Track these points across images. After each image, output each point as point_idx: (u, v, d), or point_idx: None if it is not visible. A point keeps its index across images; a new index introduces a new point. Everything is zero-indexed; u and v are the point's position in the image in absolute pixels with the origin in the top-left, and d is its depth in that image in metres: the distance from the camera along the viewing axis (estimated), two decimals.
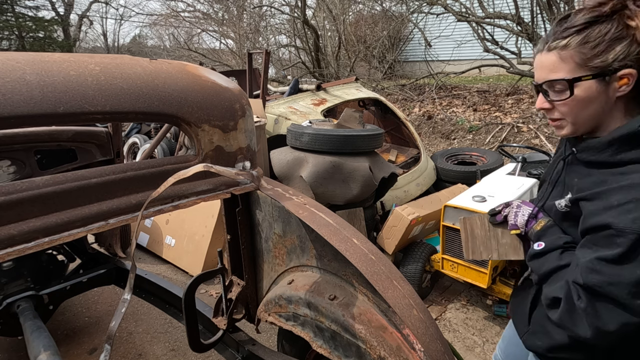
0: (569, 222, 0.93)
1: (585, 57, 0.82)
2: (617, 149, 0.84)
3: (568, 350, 0.93)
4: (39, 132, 1.99)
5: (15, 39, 14.67)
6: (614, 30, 0.80)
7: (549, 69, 0.88)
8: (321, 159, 2.81)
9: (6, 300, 1.94)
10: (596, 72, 0.82)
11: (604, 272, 0.78)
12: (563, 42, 0.84)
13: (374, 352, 1.01)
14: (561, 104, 0.88)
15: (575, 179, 0.94)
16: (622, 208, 0.78)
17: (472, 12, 7.64)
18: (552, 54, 0.87)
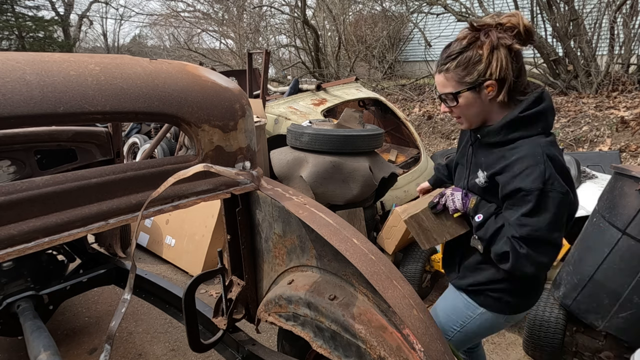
0: (490, 192, 1.22)
1: (460, 76, 1.16)
2: (506, 132, 1.17)
3: (482, 284, 1.31)
4: (39, 132, 1.99)
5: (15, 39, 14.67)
6: (474, 56, 1.12)
7: (441, 86, 1.21)
8: (321, 159, 2.81)
9: (6, 300, 1.94)
10: (469, 86, 1.16)
11: (528, 224, 1.09)
12: (445, 67, 1.18)
13: (374, 352, 1.01)
14: (454, 109, 1.22)
15: (482, 158, 1.26)
16: (523, 174, 1.09)
17: (472, 12, 7.65)
18: (441, 75, 1.20)
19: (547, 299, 2.23)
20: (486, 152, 1.24)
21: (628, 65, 6.32)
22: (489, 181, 1.20)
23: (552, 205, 1.07)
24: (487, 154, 1.23)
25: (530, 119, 1.14)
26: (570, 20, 6.30)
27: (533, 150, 1.10)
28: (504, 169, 1.14)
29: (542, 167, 1.07)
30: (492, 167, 1.19)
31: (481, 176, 1.23)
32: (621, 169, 2.05)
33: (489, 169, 1.20)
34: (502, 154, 1.17)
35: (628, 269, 1.89)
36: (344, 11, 11.11)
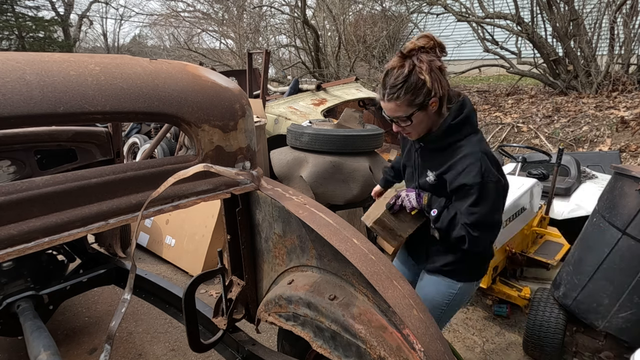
0: (439, 188, 1.43)
1: (410, 100, 1.31)
2: (444, 138, 1.39)
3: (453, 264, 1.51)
4: (39, 132, 1.99)
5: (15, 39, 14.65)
6: (418, 81, 1.28)
7: (393, 111, 1.36)
8: (321, 159, 2.81)
9: (6, 300, 1.94)
10: (418, 107, 1.32)
11: (475, 212, 1.32)
12: (395, 95, 1.31)
13: (374, 352, 1.01)
14: (407, 127, 1.39)
15: (428, 161, 1.48)
16: (465, 172, 1.32)
17: (472, 12, 7.65)
18: (392, 103, 1.34)
19: (547, 299, 2.23)
20: (430, 155, 1.47)
21: (628, 65, 6.33)
22: (437, 179, 1.42)
23: (490, 193, 1.32)
24: (432, 157, 1.46)
25: (460, 125, 1.37)
26: (570, 20, 6.30)
27: (471, 150, 1.33)
28: (449, 168, 1.37)
29: (479, 163, 1.30)
30: (439, 168, 1.41)
31: (431, 175, 1.45)
32: (621, 169, 2.05)
33: (436, 169, 1.42)
34: (445, 155, 1.40)
35: (628, 269, 1.89)
36: (344, 11, 11.11)
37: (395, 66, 1.31)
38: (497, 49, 7.44)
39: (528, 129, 5.78)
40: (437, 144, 1.41)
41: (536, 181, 2.81)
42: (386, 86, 1.33)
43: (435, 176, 1.42)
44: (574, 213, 3.06)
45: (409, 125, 1.37)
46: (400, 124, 1.38)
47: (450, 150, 1.38)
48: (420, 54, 1.28)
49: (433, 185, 1.44)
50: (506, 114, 6.41)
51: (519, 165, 3.12)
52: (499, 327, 2.59)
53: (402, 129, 1.41)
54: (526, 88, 7.82)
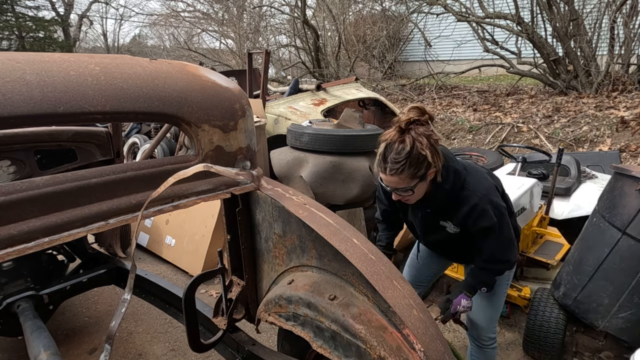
0: (463, 235, 1.56)
1: (413, 173, 1.37)
2: (449, 200, 1.50)
3: None
4: (39, 132, 1.99)
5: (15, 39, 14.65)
6: (420, 156, 1.34)
7: (395, 184, 1.41)
8: (321, 159, 2.81)
9: (6, 300, 1.94)
10: (420, 178, 1.39)
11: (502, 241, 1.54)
12: (398, 171, 1.36)
13: (374, 352, 1.01)
14: (408, 196, 1.46)
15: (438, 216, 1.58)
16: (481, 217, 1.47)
17: (472, 12, 7.65)
18: (394, 177, 1.38)
19: (547, 299, 2.23)
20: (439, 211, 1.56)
21: (628, 65, 6.32)
22: (461, 227, 1.54)
23: (505, 219, 1.51)
24: (442, 211, 1.56)
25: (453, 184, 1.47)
26: (570, 20, 6.30)
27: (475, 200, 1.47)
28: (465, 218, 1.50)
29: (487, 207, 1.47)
30: (456, 219, 1.53)
31: (451, 226, 1.56)
32: (621, 169, 2.05)
33: (453, 219, 1.54)
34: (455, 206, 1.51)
35: (628, 269, 1.89)
36: (344, 11, 11.11)
37: (394, 140, 1.37)
38: (497, 49, 7.44)
39: (528, 129, 5.78)
40: (443, 205, 1.52)
41: (536, 181, 2.81)
42: (387, 160, 1.37)
43: (458, 225, 1.54)
44: (574, 213, 3.05)
45: (410, 195, 1.45)
46: (402, 194, 1.45)
47: (456, 202, 1.50)
48: (417, 127, 1.35)
49: (458, 234, 1.56)
50: (506, 114, 6.41)
51: (519, 165, 3.11)
52: (499, 327, 2.59)
53: (402, 197, 1.48)
54: (526, 88, 7.83)
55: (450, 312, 1.60)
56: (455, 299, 1.61)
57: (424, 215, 1.61)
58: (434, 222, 1.60)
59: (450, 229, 1.56)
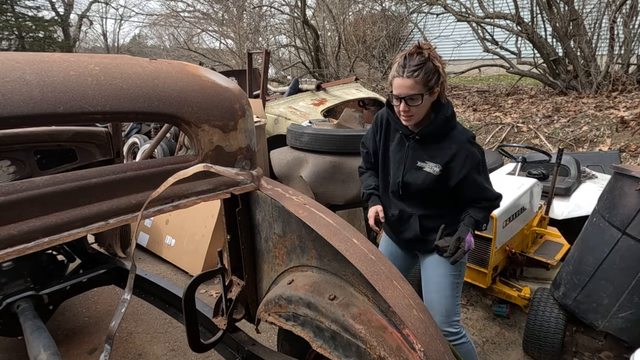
0: (443, 178, 1.57)
1: (425, 81, 1.45)
2: (443, 126, 1.56)
3: None
4: (39, 132, 1.99)
5: (15, 39, 14.64)
6: (433, 67, 1.45)
7: (409, 88, 1.46)
8: (321, 159, 2.81)
9: (6, 300, 1.94)
10: (429, 90, 1.47)
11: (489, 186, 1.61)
12: (415, 74, 1.44)
13: (374, 352, 1.01)
14: (414, 108, 1.50)
15: (422, 154, 1.60)
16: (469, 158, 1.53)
17: (472, 12, 7.65)
18: (410, 80, 1.45)
19: (547, 299, 2.23)
20: (424, 146, 1.60)
21: (628, 65, 6.33)
22: (443, 169, 1.56)
23: (486, 166, 1.59)
24: (427, 149, 1.60)
25: (452, 117, 1.57)
26: (570, 20, 6.30)
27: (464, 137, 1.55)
28: (453, 158, 1.54)
29: (474, 152, 1.54)
30: (441, 157, 1.56)
31: (433, 166, 1.58)
32: (621, 169, 2.05)
33: (437, 159, 1.57)
34: (442, 146, 1.56)
35: (628, 269, 1.89)
36: (344, 11, 11.11)
37: (413, 52, 1.46)
38: (497, 49, 7.44)
39: (528, 129, 5.78)
40: (435, 134, 1.57)
41: (536, 181, 2.81)
42: (406, 65, 1.45)
43: (442, 166, 1.56)
44: (574, 213, 3.06)
45: (417, 105, 1.48)
46: (410, 103, 1.48)
47: (445, 141, 1.56)
48: (431, 49, 1.48)
49: (438, 176, 1.57)
50: (506, 114, 6.41)
51: (518, 165, 3.12)
52: (499, 327, 2.59)
53: (408, 110, 1.51)
54: (526, 88, 7.83)
55: (464, 250, 1.55)
56: (467, 237, 1.57)
57: (409, 148, 1.63)
58: (414, 161, 1.62)
59: (430, 169, 1.58)
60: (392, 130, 1.71)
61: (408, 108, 1.50)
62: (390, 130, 1.72)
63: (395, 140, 1.69)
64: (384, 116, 1.73)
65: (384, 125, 1.73)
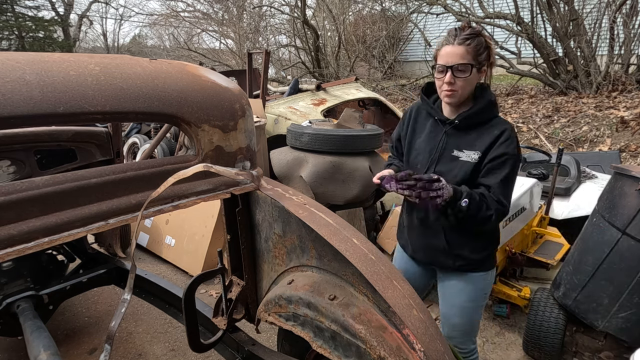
0: (478, 171, 1.41)
1: (475, 54, 1.35)
2: (484, 113, 1.43)
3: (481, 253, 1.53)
4: (39, 132, 1.98)
5: (15, 39, 14.65)
6: (484, 43, 1.37)
7: (460, 56, 1.34)
8: (321, 159, 2.81)
9: (6, 300, 1.94)
10: (477, 64, 1.36)
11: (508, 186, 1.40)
12: (467, 41, 1.34)
13: (374, 352, 1.01)
14: (461, 80, 1.36)
15: (458, 141, 1.45)
16: (507, 142, 1.38)
17: (472, 12, 7.65)
18: (462, 47, 1.34)
19: (547, 299, 2.23)
20: (461, 134, 1.46)
21: (628, 65, 6.33)
22: (482, 156, 1.40)
23: (517, 168, 1.42)
24: (464, 136, 1.45)
25: (495, 103, 1.45)
26: (570, 20, 6.30)
27: (507, 125, 1.42)
28: (494, 141, 1.39)
29: (515, 140, 1.40)
30: (480, 145, 1.41)
31: (471, 154, 1.42)
32: (621, 169, 2.05)
33: (475, 147, 1.42)
34: (482, 132, 1.42)
35: (628, 269, 1.89)
36: (344, 11, 11.11)
37: (465, 26, 1.38)
38: (497, 49, 7.44)
39: (528, 129, 5.78)
40: (477, 119, 1.43)
41: (536, 181, 2.81)
42: (457, 34, 1.35)
43: (481, 153, 1.40)
44: (574, 213, 3.06)
45: (464, 78, 1.36)
46: (457, 74, 1.36)
47: (485, 128, 1.42)
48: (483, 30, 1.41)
49: (475, 165, 1.41)
50: (506, 114, 6.41)
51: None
52: (499, 327, 2.59)
53: (454, 83, 1.37)
54: (526, 88, 7.83)
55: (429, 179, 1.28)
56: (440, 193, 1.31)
57: (445, 135, 1.47)
58: (449, 150, 1.46)
59: (467, 157, 1.42)
60: (423, 119, 1.57)
61: (454, 80, 1.36)
62: (419, 120, 1.59)
63: (426, 129, 1.55)
64: (414, 107, 1.62)
65: (412, 116, 1.60)
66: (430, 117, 1.54)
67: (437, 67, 1.39)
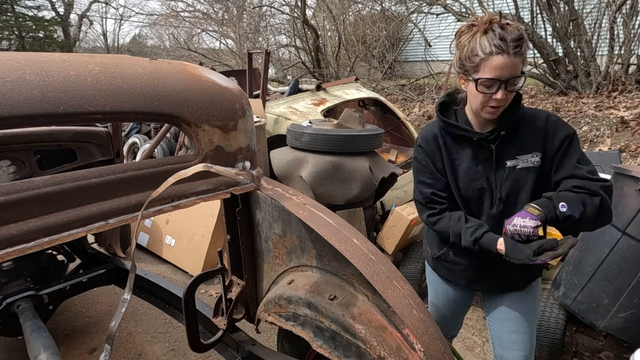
0: (543, 168, 1.25)
1: (522, 61, 1.15)
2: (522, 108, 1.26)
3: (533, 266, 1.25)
4: (39, 132, 1.99)
5: (15, 39, 14.65)
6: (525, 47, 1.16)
7: (515, 68, 1.14)
8: (321, 159, 2.81)
9: (6, 300, 1.94)
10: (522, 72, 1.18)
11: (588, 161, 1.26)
12: (520, 50, 1.13)
13: (374, 352, 1.01)
14: (512, 94, 1.18)
15: (507, 152, 1.27)
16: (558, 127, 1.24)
17: (472, 12, 7.65)
18: (517, 58, 1.13)
19: (547, 299, 2.23)
20: (509, 141, 1.27)
21: (628, 66, 6.32)
22: (543, 156, 1.24)
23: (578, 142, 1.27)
24: (511, 142, 1.26)
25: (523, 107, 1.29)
26: (570, 20, 6.29)
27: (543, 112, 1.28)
28: (546, 135, 1.23)
29: (559, 118, 1.25)
30: (532, 143, 1.24)
31: (528, 157, 1.25)
32: (621, 169, 2.05)
33: (528, 147, 1.24)
34: (525, 132, 1.25)
35: (628, 269, 1.89)
36: (344, 11, 11.11)
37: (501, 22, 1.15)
38: None
39: None
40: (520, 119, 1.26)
41: None
42: (506, 38, 1.11)
43: (540, 152, 1.24)
44: None
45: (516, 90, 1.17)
46: (511, 88, 1.15)
47: (528, 123, 1.26)
48: None
49: (539, 167, 1.24)
50: None
51: None
52: None
53: (505, 98, 1.16)
54: (526, 88, 7.82)
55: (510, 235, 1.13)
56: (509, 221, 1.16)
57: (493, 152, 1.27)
58: (502, 165, 1.27)
59: (526, 162, 1.24)
60: (453, 142, 1.32)
61: (506, 95, 1.15)
62: (448, 144, 1.33)
63: (465, 152, 1.31)
64: (432, 134, 1.34)
65: (439, 146, 1.33)
66: (464, 139, 1.30)
67: (482, 81, 1.15)
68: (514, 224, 1.15)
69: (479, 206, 1.33)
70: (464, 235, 1.26)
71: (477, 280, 1.44)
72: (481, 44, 1.13)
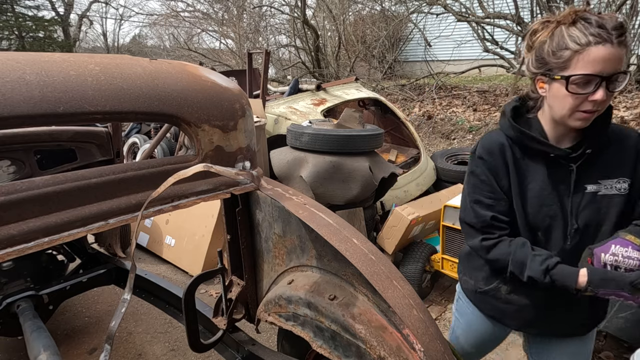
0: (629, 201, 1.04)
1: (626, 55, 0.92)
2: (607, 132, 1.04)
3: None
4: (39, 132, 1.99)
5: (15, 39, 14.66)
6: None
7: (619, 61, 0.91)
8: (321, 159, 2.81)
9: (6, 300, 1.94)
10: None
11: None
12: (624, 40, 0.89)
13: (374, 352, 1.01)
14: (617, 90, 0.94)
15: (589, 174, 1.05)
16: None
17: (472, 12, 7.64)
18: (620, 48, 0.90)
19: None
20: (592, 162, 1.05)
21: (628, 65, 6.32)
22: (632, 182, 1.04)
23: None
24: (595, 164, 1.05)
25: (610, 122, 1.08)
26: None
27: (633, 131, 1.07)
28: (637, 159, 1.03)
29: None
30: (621, 167, 1.04)
31: (613, 184, 1.04)
32: None
33: (616, 172, 1.04)
34: (610, 152, 1.05)
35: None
36: (344, 11, 11.11)
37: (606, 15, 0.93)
38: (497, 49, 7.44)
39: None
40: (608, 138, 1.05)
41: None
42: (605, 25, 0.89)
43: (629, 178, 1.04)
44: None
45: (622, 86, 0.95)
46: (612, 88, 0.94)
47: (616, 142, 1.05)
48: None
49: (626, 195, 1.04)
50: None
51: None
52: None
53: (604, 101, 0.94)
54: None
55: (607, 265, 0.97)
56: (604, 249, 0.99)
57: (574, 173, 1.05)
58: (581, 189, 1.06)
59: (610, 188, 1.04)
60: (522, 156, 1.10)
61: (606, 97, 0.93)
62: (517, 159, 1.10)
63: (538, 170, 1.09)
64: (497, 145, 1.10)
65: (505, 160, 1.10)
66: (538, 153, 1.08)
67: (576, 78, 0.92)
68: (613, 252, 0.97)
69: (547, 236, 1.10)
70: (530, 264, 1.03)
71: (535, 322, 1.20)
72: (571, 35, 0.92)
